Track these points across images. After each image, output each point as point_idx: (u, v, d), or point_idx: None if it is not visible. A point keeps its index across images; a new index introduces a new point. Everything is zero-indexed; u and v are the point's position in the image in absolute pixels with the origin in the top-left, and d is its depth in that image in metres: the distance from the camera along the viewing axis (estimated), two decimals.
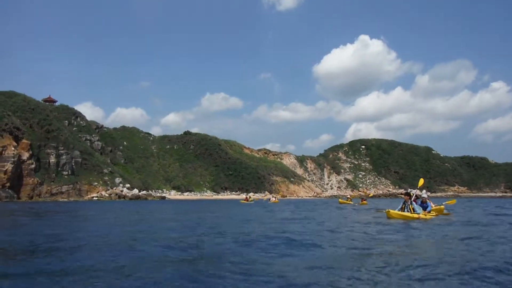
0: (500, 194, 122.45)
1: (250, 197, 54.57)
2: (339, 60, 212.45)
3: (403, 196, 16.23)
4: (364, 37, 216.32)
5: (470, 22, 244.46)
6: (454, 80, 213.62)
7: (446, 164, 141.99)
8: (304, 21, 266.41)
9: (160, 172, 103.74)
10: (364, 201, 40.91)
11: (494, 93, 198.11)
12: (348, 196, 57.56)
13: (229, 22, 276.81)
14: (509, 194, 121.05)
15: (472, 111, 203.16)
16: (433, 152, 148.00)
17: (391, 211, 15.13)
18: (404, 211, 15.24)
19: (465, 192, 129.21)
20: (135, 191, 77.96)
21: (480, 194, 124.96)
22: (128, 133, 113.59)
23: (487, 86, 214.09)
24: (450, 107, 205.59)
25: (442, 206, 18.75)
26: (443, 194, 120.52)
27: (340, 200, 50.19)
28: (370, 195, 61.71)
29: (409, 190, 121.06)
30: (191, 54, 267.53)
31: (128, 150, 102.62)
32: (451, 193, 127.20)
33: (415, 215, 14.97)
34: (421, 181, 20.14)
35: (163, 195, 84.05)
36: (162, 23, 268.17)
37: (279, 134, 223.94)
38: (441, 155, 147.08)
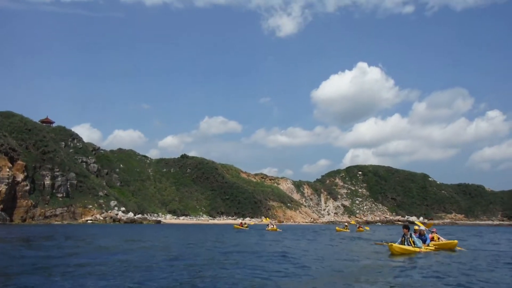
0: (497, 222, 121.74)
1: (245, 223, 50.36)
2: (337, 86, 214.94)
3: (411, 218, 16.04)
4: (362, 64, 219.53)
5: (467, 51, 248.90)
6: (451, 108, 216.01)
7: (443, 192, 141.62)
8: (304, 47, 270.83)
9: (156, 195, 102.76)
10: (361, 228, 40.63)
11: (490, 122, 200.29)
12: (346, 223, 56.25)
13: (230, 47, 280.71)
14: (506, 223, 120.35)
15: (468, 139, 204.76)
16: (429, 179, 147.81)
17: (394, 245, 14.39)
18: (404, 244, 14.80)
19: (462, 220, 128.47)
20: (130, 214, 76.90)
21: (477, 222, 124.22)
22: (124, 155, 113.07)
23: (483, 115, 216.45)
24: (447, 134, 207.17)
25: (456, 241, 17.42)
26: (440, 221, 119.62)
27: (337, 228, 48.92)
28: (362, 230, 59.89)
29: (406, 217, 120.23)
30: (191, 77, 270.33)
31: (124, 173, 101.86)
32: (448, 220, 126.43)
33: (417, 249, 14.62)
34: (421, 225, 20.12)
35: (159, 219, 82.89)
36: (163, 46, 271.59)
37: (277, 159, 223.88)
38: (438, 182, 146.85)
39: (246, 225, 47.46)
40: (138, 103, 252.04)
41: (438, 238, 18.06)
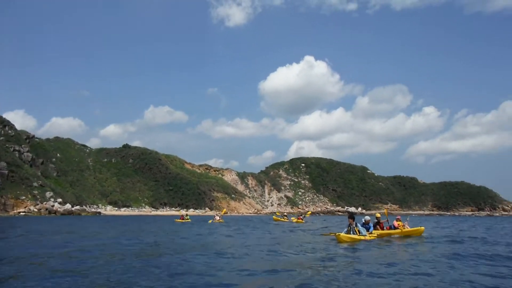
0: (428, 212, 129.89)
1: (187, 215, 45.69)
2: (284, 78, 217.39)
3: (351, 209, 17.02)
4: (309, 58, 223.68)
5: (406, 49, 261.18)
6: (392, 103, 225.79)
7: (380, 183, 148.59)
8: (252, 38, 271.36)
9: (96, 186, 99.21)
10: (300, 219, 40.62)
11: (426, 117, 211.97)
12: (285, 213, 56.71)
13: (178, 35, 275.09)
14: (435, 212, 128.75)
15: (406, 133, 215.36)
16: (368, 171, 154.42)
17: (341, 234, 15.20)
18: (350, 233, 15.60)
19: (396, 210, 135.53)
20: (68, 206, 73.65)
21: (410, 212, 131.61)
22: (62, 144, 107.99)
23: (420, 110, 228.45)
24: (386, 129, 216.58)
25: (422, 228, 18.71)
26: (376, 211, 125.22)
27: (274, 217, 48.69)
28: (308, 214, 61.07)
29: (346, 208, 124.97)
30: (136, 65, 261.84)
31: (61, 163, 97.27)
32: (384, 210, 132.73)
33: (362, 237, 15.53)
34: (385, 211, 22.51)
35: (98, 210, 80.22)
36: (107, 30, 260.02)
37: (223, 150, 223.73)
38: (376, 175, 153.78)
39: (187, 217, 44.39)
40: (78, 89, 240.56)
41: (403, 226, 18.63)
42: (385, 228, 19.24)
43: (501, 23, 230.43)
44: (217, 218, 40.11)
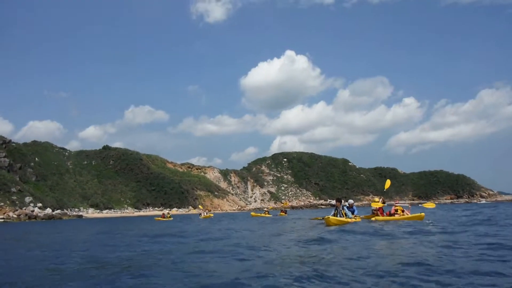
0: (409, 202, 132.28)
1: (168, 213, 46.08)
2: (266, 73, 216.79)
3: (334, 202, 17.99)
4: (290, 53, 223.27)
5: (386, 42, 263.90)
6: (372, 96, 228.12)
7: (362, 175, 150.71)
8: (232, 34, 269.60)
9: (77, 189, 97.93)
10: (283, 213, 41.31)
11: (406, 108, 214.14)
12: (265, 208, 56.68)
13: (156, 32, 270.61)
14: (416, 202, 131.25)
15: (386, 124, 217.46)
16: (349, 164, 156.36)
17: (330, 217, 16.17)
18: (337, 216, 16.49)
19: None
20: (48, 210, 72.60)
21: (392, 202, 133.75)
22: (40, 148, 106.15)
23: (401, 101, 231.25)
24: (368, 121, 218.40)
25: (423, 214, 18.19)
26: (359, 203, 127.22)
27: (252, 213, 46.89)
28: (285, 204, 60.90)
29: (329, 201, 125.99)
30: (115, 64, 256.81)
31: (40, 167, 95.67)
32: (366, 202, 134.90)
33: (349, 219, 16.83)
34: (388, 183, 24.15)
35: (80, 213, 79.32)
36: (83, 28, 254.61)
37: (206, 148, 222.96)
38: (357, 167, 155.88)
39: (169, 215, 44.54)
40: (56, 91, 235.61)
41: (403, 211, 18.73)
42: (384, 214, 19.65)
43: (476, 13, 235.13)
44: (204, 214, 41.03)
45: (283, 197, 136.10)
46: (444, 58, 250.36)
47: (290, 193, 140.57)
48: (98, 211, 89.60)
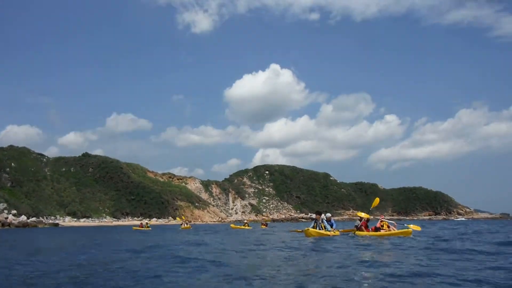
0: (388, 218, 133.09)
1: (147, 224, 45.13)
2: (250, 86, 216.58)
3: (314, 216, 17.68)
4: (275, 66, 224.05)
5: (370, 59, 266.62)
6: (355, 111, 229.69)
7: (342, 190, 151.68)
8: (219, 45, 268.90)
9: (54, 196, 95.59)
10: (264, 225, 41.47)
11: (388, 125, 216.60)
12: (245, 220, 56.18)
13: (142, 40, 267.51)
14: (395, 217, 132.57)
15: (368, 140, 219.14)
16: (331, 178, 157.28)
17: (310, 229, 16.07)
18: (316, 228, 16.37)
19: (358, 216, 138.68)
20: (23, 218, 70.48)
21: (371, 217, 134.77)
22: (16, 153, 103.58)
23: (382, 118, 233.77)
24: (350, 136, 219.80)
25: (410, 230, 17.74)
26: (339, 217, 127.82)
27: (232, 225, 46.41)
28: (266, 221, 59.97)
29: (309, 214, 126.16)
30: (98, 70, 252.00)
31: (16, 172, 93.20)
32: (347, 216, 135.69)
33: (328, 233, 16.84)
34: (377, 201, 22.79)
35: (56, 222, 77.26)
36: (67, 33, 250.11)
37: (188, 158, 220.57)
38: (338, 181, 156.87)
39: (147, 225, 43.48)
40: (36, 96, 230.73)
41: (388, 227, 18.27)
42: (369, 229, 19.01)
43: (455, 35, 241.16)
44: (185, 225, 40.67)
45: (264, 210, 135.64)
46: (425, 77, 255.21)
47: (271, 206, 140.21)
48: (75, 219, 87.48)
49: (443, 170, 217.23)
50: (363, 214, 19.95)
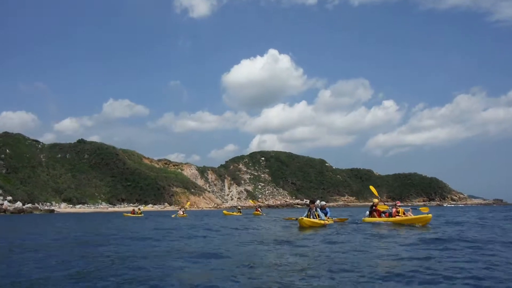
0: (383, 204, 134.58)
1: (139, 209, 44.36)
2: (248, 71, 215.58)
3: (308, 204, 17.50)
4: (273, 51, 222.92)
5: (368, 44, 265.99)
6: (353, 97, 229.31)
7: (338, 176, 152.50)
8: (217, 30, 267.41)
9: (49, 183, 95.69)
10: (258, 211, 41.23)
11: (385, 111, 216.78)
12: (239, 206, 55.87)
13: (138, 24, 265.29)
14: (390, 203, 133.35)
15: (366, 126, 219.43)
16: (326, 164, 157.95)
17: (304, 219, 15.89)
18: (310, 217, 16.39)
19: (353, 202, 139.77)
20: (18, 204, 70.76)
21: (367, 203, 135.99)
22: (11, 140, 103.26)
23: (380, 104, 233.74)
24: (348, 122, 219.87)
25: (430, 215, 16.13)
26: (335, 203, 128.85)
27: (224, 211, 46.58)
28: (253, 202, 59.26)
29: (305, 200, 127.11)
30: (95, 56, 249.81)
31: (11, 159, 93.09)
32: (342, 202, 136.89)
33: (322, 221, 16.54)
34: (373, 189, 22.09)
35: (52, 208, 77.56)
36: (64, 18, 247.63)
37: (185, 144, 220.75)
38: (334, 168, 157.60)
39: (139, 212, 42.76)
40: (32, 82, 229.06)
41: (404, 213, 16.99)
42: (383, 216, 17.93)
43: (453, 20, 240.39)
44: (181, 212, 39.33)
45: (260, 196, 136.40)
46: (423, 63, 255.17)
47: (267, 192, 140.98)
48: (71, 206, 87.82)
49: (439, 156, 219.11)
50: (376, 201, 18.71)
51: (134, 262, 7.51)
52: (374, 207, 18.61)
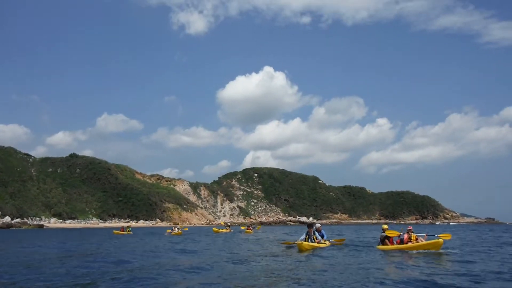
0: (376, 221, 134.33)
1: (127, 226, 43.34)
2: (243, 87, 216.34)
3: (302, 219, 17.58)
4: (269, 69, 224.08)
5: (362, 63, 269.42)
6: (347, 115, 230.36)
7: (331, 193, 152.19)
8: (213, 46, 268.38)
9: (39, 197, 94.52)
10: (249, 230, 40.99)
11: (379, 128, 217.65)
12: (229, 223, 55.11)
13: (135, 39, 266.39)
14: (383, 221, 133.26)
15: (359, 144, 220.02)
16: (319, 181, 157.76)
17: (304, 243, 15.87)
18: (308, 241, 16.33)
19: (346, 219, 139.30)
20: (7, 219, 69.73)
21: (359, 221, 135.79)
22: (2, 153, 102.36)
23: (374, 121, 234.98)
24: (341, 139, 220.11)
25: (441, 240, 15.11)
26: (327, 221, 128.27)
27: (214, 229, 45.56)
28: (258, 228, 58.75)
29: (298, 217, 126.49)
30: (90, 69, 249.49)
31: (1, 173, 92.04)
32: (335, 220, 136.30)
33: (321, 244, 16.66)
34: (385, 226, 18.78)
35: (41, 223, 76.45)
36: (59, 32, 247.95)
37: (178, 159, 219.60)
38: (327, 185, 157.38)
39: (128, 229, 41.55)
40: (26, 94, 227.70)
41: (416, 239, 15.89)
42: (394, 243, 16.60)
43: (445, 40, 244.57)
44: (176, 230, 38.78)
45: (252, 213, 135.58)
46: (416, 82, 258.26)
47: (259, 208, 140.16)
48: (61, 221, 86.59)
49: (432, 174, 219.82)
50: (386, 226, 17.52)
51: None
52: (384, 233, 16.99)
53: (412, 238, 15.89)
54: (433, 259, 12.99)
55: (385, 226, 17.40)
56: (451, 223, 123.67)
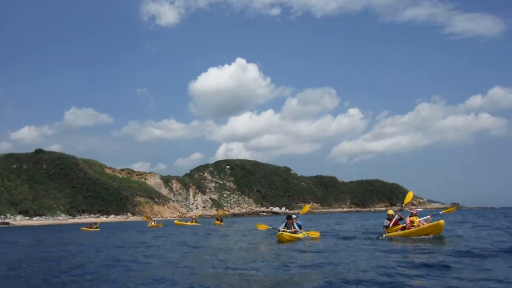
0: (346, 210, 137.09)
1: (95, 224, 41.70)
2: (216, 79, 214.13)
3: (275, 209, 17.55)
4: (241, 61, 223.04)
5: (333, 54, 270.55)
6: (319, 105, 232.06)
7: (303, 183, 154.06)
8: (184, 38, 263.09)
9: (4, 195, 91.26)
10: (219, 221, 40.44)
11: (351, 118, 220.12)
12: (193, 216, 54.17)
13: (104, 31, 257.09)
14: (353, 209, 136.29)
15: (331, 134, 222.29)
16: (291, 172, 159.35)
17: (284, 233, 15.77)
18: (287, 231, 16.40)
19: (318, 208, 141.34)
20: None
21: (331, 209, 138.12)
22: None
23: (346, 112, 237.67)
24: (314, 130, 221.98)
25: (442, 222, 13.88)
26: (299, 210, 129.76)
27: (176, 221, 44.33)
28: (223, 213, 58.26)
29: (270, 208, 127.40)
30: (57, 61, 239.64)
31: None
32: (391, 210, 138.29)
33: (300, 235, 16.66)
34: (410, 195, 19.02)
35: (6, 221, 74.05)
36: (25, 23, 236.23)
37: (150, 152, 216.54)
38: (298, 175, 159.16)
39: (95, 226, 40.02)
40: None
41: (420, 222, 14.62)
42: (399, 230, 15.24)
43: (410, 31, 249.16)
44: (152, 223, 40.63)
45: (225, 204, 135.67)
46: (387, 72, 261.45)
47: (232, 200, 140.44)
48: (28, 218, 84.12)
49: (400, 162, 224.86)
50: (392, 212, 16.19)
51: None
52: (391, 220, 15.76)
53: (415, 222, 14.60)
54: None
55: (391, 212, 16.06)
56: (418, 209, 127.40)
